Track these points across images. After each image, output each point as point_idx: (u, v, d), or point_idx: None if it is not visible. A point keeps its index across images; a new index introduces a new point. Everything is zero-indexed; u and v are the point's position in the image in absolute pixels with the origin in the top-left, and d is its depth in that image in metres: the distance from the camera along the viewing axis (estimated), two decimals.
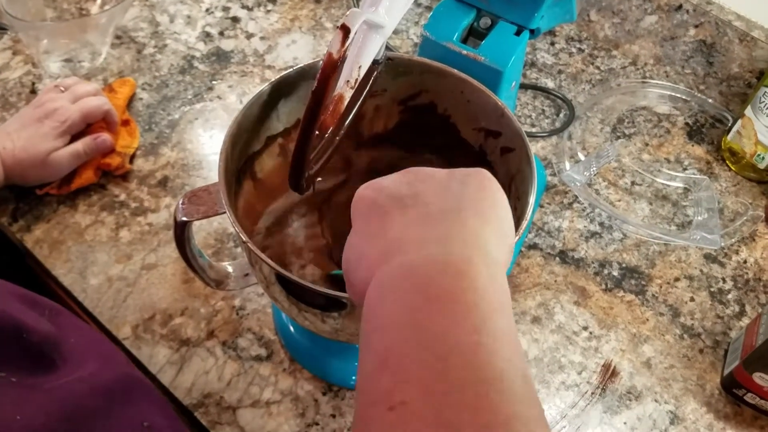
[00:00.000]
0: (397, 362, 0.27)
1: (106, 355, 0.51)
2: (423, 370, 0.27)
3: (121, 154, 0.75)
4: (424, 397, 0.26)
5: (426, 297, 0.29)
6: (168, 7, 0.96)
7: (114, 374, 0.48)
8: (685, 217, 0.77)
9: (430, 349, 0.27)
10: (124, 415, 0.46)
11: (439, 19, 0.59)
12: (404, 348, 0.28)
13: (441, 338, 0.27)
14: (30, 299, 0.50)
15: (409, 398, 0.26)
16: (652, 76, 0.92)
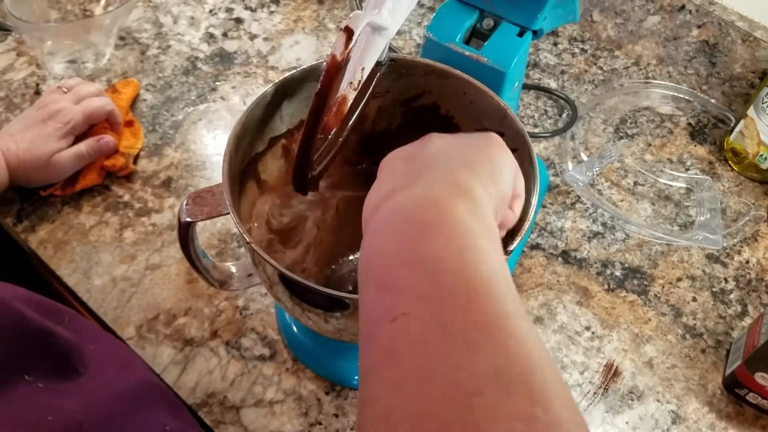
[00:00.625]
0: (394, 283, 0.31)
1: (124, 362, 0.52)
2: (418, 285, 0.30)
3: (125, 155, 0.75)
4: (422, 306, 0.29)
5: (411, 227, 0.33)
6: (171, 8, 0.96)
7: (134, 380, 0.49)
8: (688, 217, 0.77)
9: (421, 267, 0.30)
10: (147, 418, 0.47)
11: (442, 20, 0.59)
12: (399, 270, 0.31)
13: (430, 259, 0.31)
14: (49, 307, 0.51)
15: (408, 309, 0.29)
16: (655, 76, 0.92)
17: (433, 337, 0.27)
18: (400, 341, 0.28)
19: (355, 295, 0.44)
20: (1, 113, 0.81)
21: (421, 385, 0.26)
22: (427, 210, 0.33)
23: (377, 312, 0.30)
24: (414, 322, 0.28)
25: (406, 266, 0.31)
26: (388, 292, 0.31)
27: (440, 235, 0.32)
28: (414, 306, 0.29)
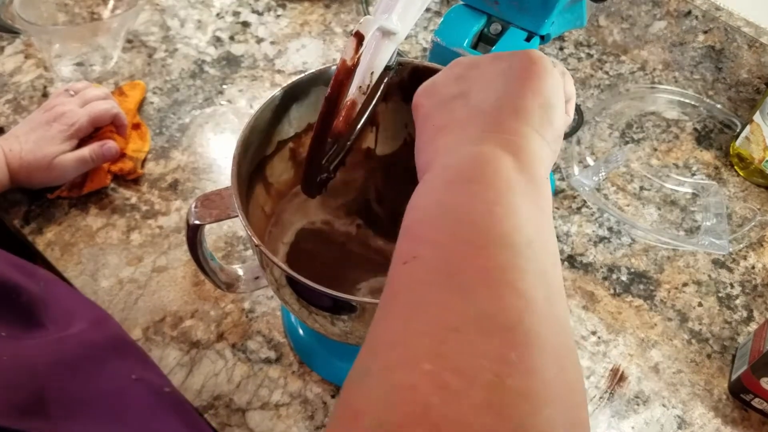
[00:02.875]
0: (416, 229, 0.31)
1: (98, 320, 0.53)
2: (436, 232, 0.29)
3: (133, 159, 0.75)
4: (433, 251, 0.29)
5: (450, 182, 0.32)
6: (179, 11, 0.96)
7: (104, 335, 0.50)
8: (694, 222, 0.77)
9: (445, 216, 0.30)
10: (111, 367, 0.47)
11: (449, 25, 0.59)
12: (424, 219, 0.31)
13: (457, 208, 0.30)
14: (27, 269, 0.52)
15: (420, 253, 0.29)
16: (661, 81, 0.92)
17: (434, 279, 0.27)
18: (403, 282, 0.29)
19: (362, 298, 0.44)
20: (9, 115, 0.82)
21: (405, 319, 0.26)
22: (474, 169, 0.32)
23: (396, 256, 0.30)
24: (421, 265, 0.28)
25: (433, 216, 0.31)
26: (408, 239, 0.31)
27: (476, 188, 0.31)
28: (426, 250, 0.29)
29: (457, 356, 0.24)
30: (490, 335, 0.25)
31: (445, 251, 0.28)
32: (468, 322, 0.25)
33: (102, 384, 0.46)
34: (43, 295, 0.50)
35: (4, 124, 0.81)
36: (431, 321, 0.26)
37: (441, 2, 1.00)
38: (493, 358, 0.24)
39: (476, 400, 0.23)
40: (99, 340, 0.49)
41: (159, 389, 0.50)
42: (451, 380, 0.23)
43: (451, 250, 0.28)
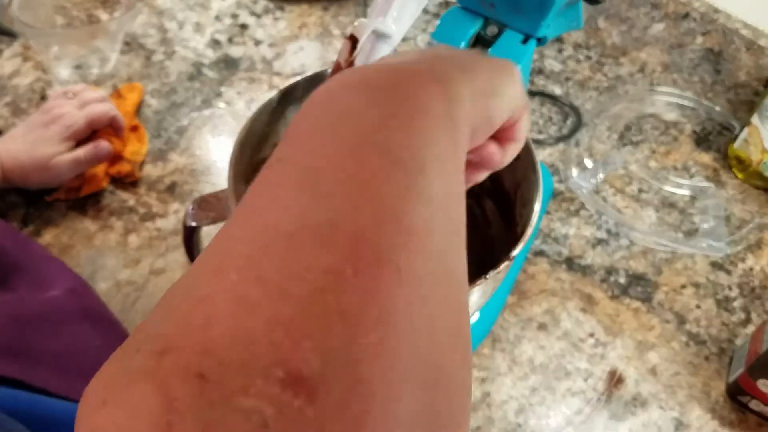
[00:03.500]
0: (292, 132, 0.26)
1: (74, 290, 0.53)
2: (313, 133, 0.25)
3: (131, 161, 0.76)
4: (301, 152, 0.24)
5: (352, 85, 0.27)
6: (177, 14, 0.97)
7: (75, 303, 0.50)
8: (692, 224, 0.77)
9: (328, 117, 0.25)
10: (76, 331, 0.47)
11: (446, 27, 0.59)
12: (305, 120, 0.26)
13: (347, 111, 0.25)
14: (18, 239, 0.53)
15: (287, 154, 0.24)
16: (660, 83, 0.92)
17: (291, 180, 0.23)
18: (255, 188, 0.24)
19: None
20: (8, 117, 0.82)
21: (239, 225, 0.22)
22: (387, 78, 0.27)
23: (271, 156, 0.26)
24: (283, 167, 0.24)
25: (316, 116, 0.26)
26: (281, 142, 0.25)
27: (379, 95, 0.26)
28: (293, 151, 0.24)
29: (274, 265, 0.19)
30: (326, 245, 0.20)
31: (314, 153, 0.24)
32: (307, 228, 0.20)
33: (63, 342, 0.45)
34: (24, 263, 0.51)
35: (3, 126, 0.81)
36: (265, 224, 0.21)
37: (440, 4, 1.00)
38: (321, 269, 0.19)
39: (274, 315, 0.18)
40: (66, 305, 0.49)
41: None
42: (254, 292, 0.19)
43: (321, 152, 0.24)
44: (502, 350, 0.66)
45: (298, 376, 0.17)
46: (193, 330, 0.18)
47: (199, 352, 0.17)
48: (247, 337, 0.18)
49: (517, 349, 0.66)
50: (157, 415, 0.16)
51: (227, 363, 0.17)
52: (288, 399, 0.16)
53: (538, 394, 0.63)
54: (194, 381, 0.17)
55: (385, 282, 0.20)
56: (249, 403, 0.16)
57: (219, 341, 0.17)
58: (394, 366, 0.18)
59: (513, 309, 0.69)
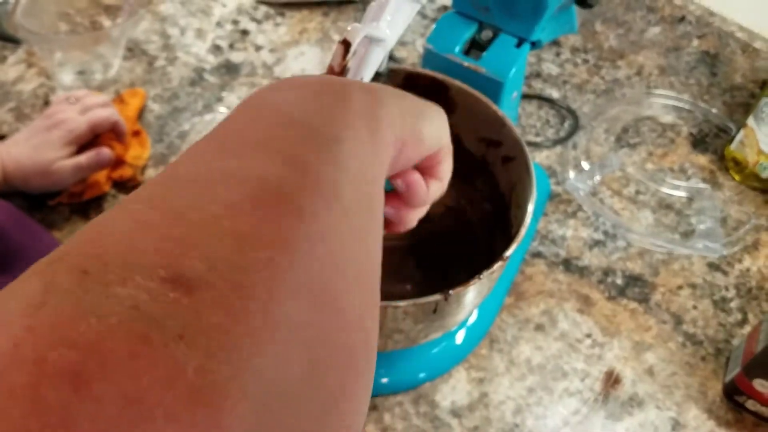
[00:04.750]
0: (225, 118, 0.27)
1: None
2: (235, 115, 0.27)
3: (133, 166, 0.76)
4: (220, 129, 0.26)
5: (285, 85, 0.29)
6: (179, 20, 0.98)
7: None
8: (689, 226, 0.78)
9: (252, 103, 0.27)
10: None
11: (441, 31, 0.60)
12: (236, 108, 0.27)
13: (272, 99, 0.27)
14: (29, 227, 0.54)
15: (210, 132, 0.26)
16: (657, 86, 0.92)
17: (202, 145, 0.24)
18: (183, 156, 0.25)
19: None
20: (12, 123, 0.83)
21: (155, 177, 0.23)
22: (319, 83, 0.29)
23: None
24: (201, 139, 0.25)
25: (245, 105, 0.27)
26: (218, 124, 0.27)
27: (305, 91, 0.28)
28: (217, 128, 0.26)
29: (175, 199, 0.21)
30: (232, 184, 0.21)
31: (230, 127, 0.25)
32: (212, 174, 0.22)
33: None
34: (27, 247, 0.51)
35: (7, 131, 0.82)
36: (174, 173, 0.23)
37: (438, 9, 1.01)
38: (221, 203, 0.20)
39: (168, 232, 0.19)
40: None
41: None
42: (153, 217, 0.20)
43: (237, 124, 0.25)
44: (500, 351, 0.66)
45: (179, 275, 0.18)
46: (87, 242, 0.19)
47: (85, 255, 0.18)
48: (136, 247, 0.18)
49: (515, 350, 0.67)
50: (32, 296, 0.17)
51: (110, 264, 0.18)
52: (164, 291, 0.17)
53: (535, 395, 0.64)
54: (76, 273, 0.17)
55: (284, 216, 0.21)
56: (124, 291, 0.17)
57: (106, 249, 0.18)
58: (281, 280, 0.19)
59: (510, 310, 0.69)
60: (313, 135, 0.25)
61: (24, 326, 0.16)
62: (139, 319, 0.16)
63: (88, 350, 0.16)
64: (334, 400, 0.20)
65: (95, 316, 0.16)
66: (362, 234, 0.24)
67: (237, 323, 0.17)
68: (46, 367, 0.15)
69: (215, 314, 0.17)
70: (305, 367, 0.19)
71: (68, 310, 0.16)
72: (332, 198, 0.23)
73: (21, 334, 0.16)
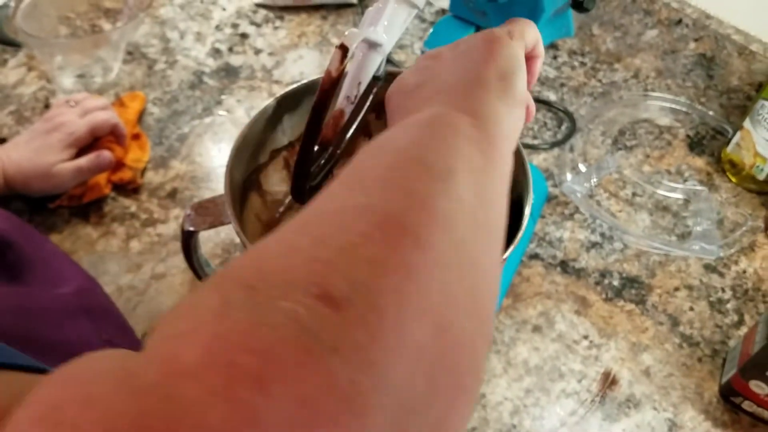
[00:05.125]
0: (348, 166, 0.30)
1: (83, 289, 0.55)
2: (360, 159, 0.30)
3: (133, 169, 0.77)
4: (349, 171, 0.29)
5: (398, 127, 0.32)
6: (178, 23, 0.98)
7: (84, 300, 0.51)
8: (685, 227, 0.78)
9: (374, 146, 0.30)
10: (82, 326, 0.49)
11: (438, 35, 0.60)
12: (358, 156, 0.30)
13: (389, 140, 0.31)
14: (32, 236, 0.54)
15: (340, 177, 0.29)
16: (654, 88, 0.93)
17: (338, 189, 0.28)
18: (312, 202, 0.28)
19: None
20: (12, 126, 0.83)
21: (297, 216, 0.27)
22: (425, 119, 0.33)
23: None
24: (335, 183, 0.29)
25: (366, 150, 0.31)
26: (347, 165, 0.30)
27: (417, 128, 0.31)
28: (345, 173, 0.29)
29: (318, 228, 0.24)
30: (362, 218, 0.25)
31: (359, 169, 0.29)
32: (348, 208, 0.26)
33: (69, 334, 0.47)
34: (37, 260, 0.52)
35: (7, 134, 0.82)
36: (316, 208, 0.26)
37: (436, 13, 1.01)
38: (355, 232, 0.24)
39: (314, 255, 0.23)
40: (74, 301, 0.50)
41: None
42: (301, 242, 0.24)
43: (365, 166, 0.29)
44: (498, 352, 0.67)
45: (329, 294, 0.21)
46: (248, 262, 0.23)
47: (251, 273, 0.22)
48: (290, 267, 0.22)
49: (512, 351, 0.67)
50: (214, 307, 0.20)
51: (273, 281, 0.21)
52: (319, 306, 0.20)
53: (532, 396, 0.64)
54: (246, 289, 0.21)
55: (407, 245, 0.24)
56: (287, 305, 0.20)
57: (268, 268, 0.22)
58: (407, 305, 0.22)
59: (508, 311, 0.70)
60: (429, 170, 0.28)
61: (212, 333, 0.19)
62: (301, 331, 0.19)
63: (266, 357, 0.19)
64: (446, 414, 0.23)
65: (267, 327, 0.19)
66: (476, 262, 0.27)
67: (374, 341, 0.20)
68: (236, 371, 0.18)
69: (359, 331, 0.20)
70: (425, 384, 0.22)
71: (245, 321, 0.20)
72: (448, 229, 0.26)
73: (211, 341, 0.19)
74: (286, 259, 0.23)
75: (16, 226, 0.54)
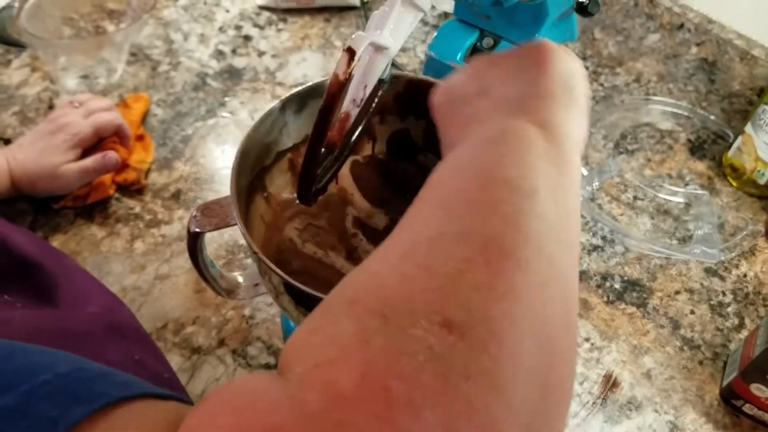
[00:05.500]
0: (429, 182, 0.32)
1: (110, 306, 0.55)
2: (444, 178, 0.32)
3: (137, 170, 0.77)
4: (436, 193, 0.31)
5: (473, 144, 0.34)
6: (182, 25, 0.98)
7: (113, 318, 0.52)
8: (686, 231, 0.78)
9: (455, 165, 0.32)
10: (117, 346, 0.49)
11: (443, 39, 0.61)
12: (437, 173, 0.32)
13: (469, 159, 0.32)
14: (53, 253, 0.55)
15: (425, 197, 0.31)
16: (656, 93, 0.93)
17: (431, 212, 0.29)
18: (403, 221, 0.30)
19: None
20: (16, 127, 0.83)
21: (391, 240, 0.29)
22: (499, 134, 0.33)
23: None
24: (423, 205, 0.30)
25: (445, 168, 0.32)
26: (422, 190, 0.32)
27: (494, 146, 0.32)
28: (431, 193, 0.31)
29: (423, 256, 0.26)
30: (463, 243, 0.26)
31: (445, 190, 0.30)
32: (447, 234, 0.27)
33: (109, 357, 0.47)
34: (61, 277, 0.52)
35: (11, 135, 0.82)
36: (413, 233, 0.28)
37: (438, 16, 1.02)
38: (459, 259, 0.25)
39: (427, 284, 0.24)
40: (107, 321, 0.50)
41: (158, 374, 0.51)
42: (411, 270, 0.25)
43: (451, 187, 0.30)
44: None
45: (450, 321, 0.22)
46: (369, 290, 0.25)
47: (378, 302, 0.24)
48: (410, 296, 0.24)
49: None
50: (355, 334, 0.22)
51: (399, 310, 0.23)
52: (445, 334, 0.22)
53: None
54: (379, 317, 0.23)
55: (509, 269, 0.25)
56: (419, 333, 0.22)
57: (390, 297, 0.24)
58: (517, 327, 0.24)
59: None
60: (515, 191, 0.29)
61: (362, 360, 0.21)
62: (435, 358, 0.21)
63: (413, 383, 0.20)
64: (556, 421, 0.25)
65: (407, 355, 0.21)
66: (564, 277, 0.28)
67: (498, 366, 0.22)
68: (392, 395, 0.20)
69: (483, 357, 0.22)
70: (540, 400, 0.23)
71: (387, 348, 0.21)
72: (540, 248, 0.27)
73: (363, 367, 0.21)
74: (402, 287, 0.24)
75: (38, 245, 0.55)
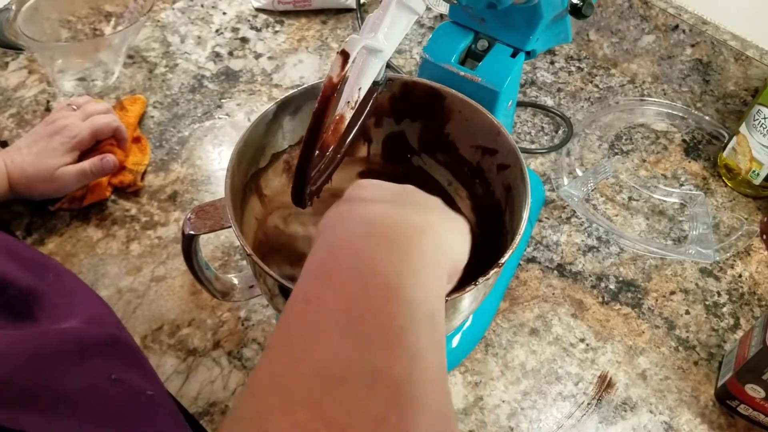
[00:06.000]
0: (325, 271, 0.32)
1: (94, 318, 0.54)
2: (346, 279, 0.31)
3: (133, 172, 0.77)
4: (338, 297, 0.30)
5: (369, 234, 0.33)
6: (179, 28, 0.99)
7: (95, 333, 0.50)
8: (681, 231, 0.79)
9: (358, 266, 0.31)
10: (92, 366, 0.47)
11: (438, 41, 0.61)
12: (335, 262, 0.32)
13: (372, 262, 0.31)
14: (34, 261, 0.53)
15: (325, 296, 0.30)
16: (650, 93, 0.94)
17: (332, 324, 0.28)
18: (299, 323, 0.29)
19: None
20: (13, 129, 0.84)
21: (294, 361, 0.27)
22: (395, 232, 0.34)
23: (299, 291, 0.31)
24: (322, 307, 0.29)
25: (345, 262, 0.32)
26: (315, 278, 0.32)
27: (394, 249, 0.32)
28: (331, 294, 0.30)
29: (335, 409, 0.25)
30: (375, 392, 0.25)
31: (350, 300, 0.29)
32: (355, 375, 0.26)
33: (80, 380, 0.46)
34: (42, 288, 0.51)
35: (8, 137, 0.83)
36: (318, 367, 0.26)
37: (434, 18, 1.02)
38: (373, 417, 0.25)
39: None
40: (86, 337, 0.49)
41: (140, 392, 0.49)
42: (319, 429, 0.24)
43: (356, 299, 0.29)
44: (495, 355, 0.67)
45: None
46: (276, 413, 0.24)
47: None
48: None
49: (510, 354, 0.67)
50: None
51: None
52: None
53: (529, 399, 0.65)
54: None
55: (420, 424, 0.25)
56: None
57: None
58: None
59: (505, 315, 0.70)
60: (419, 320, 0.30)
61: None
62: None
63: None
64: None
65: None
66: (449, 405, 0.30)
67: None
68: None
69: None
70: None
71: None
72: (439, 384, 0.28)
73: None
74: None
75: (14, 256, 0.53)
